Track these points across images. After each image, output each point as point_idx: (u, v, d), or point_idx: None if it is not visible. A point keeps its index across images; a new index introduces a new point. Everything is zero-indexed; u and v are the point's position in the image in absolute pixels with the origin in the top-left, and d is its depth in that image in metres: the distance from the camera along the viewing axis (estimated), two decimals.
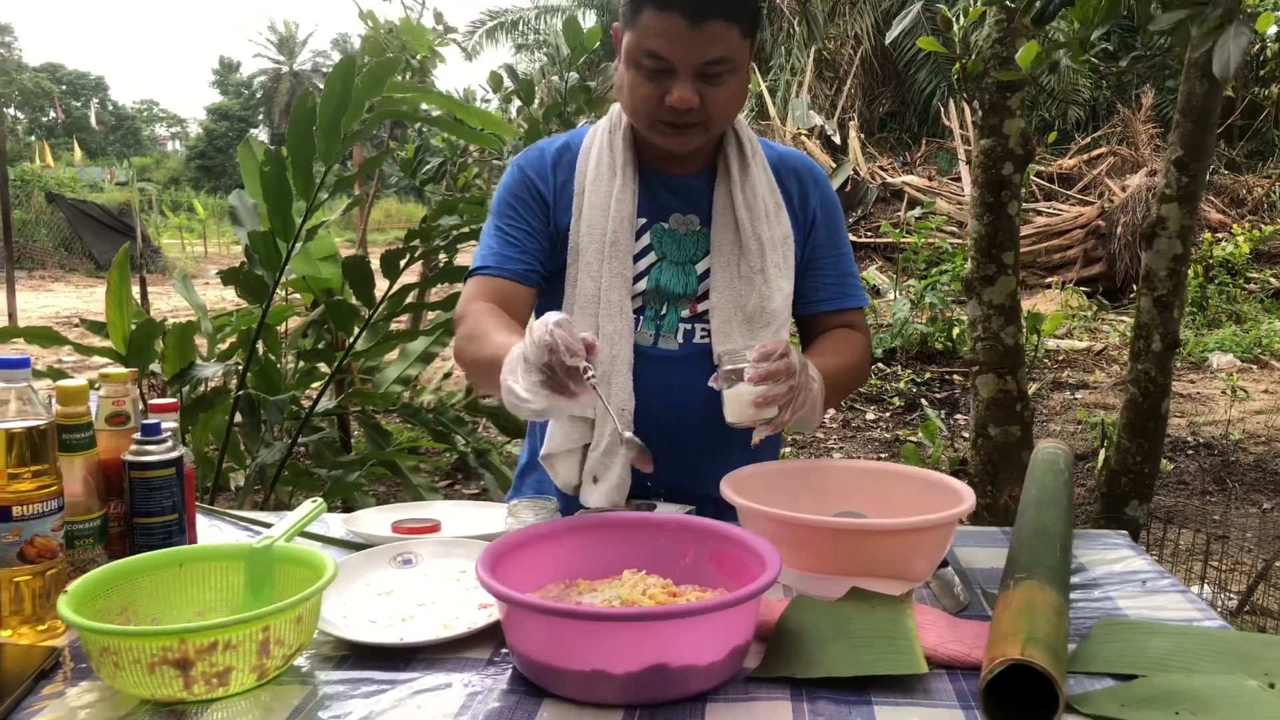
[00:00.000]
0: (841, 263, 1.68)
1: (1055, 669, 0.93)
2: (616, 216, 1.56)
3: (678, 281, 1.59)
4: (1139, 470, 3.35)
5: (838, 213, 1.69)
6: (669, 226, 1.60)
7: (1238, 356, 8.56)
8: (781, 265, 1.59)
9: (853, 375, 1.63)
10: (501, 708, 1.01)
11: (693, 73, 1.44)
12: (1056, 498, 1.40)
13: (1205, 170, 3.16)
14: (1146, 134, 13.97)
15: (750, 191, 1.58)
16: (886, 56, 18.58)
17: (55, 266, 19.30)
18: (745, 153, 1.61)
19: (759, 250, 1.56)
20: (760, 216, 1.57)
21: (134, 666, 0.99)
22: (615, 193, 1.57)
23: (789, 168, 1.66)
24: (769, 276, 1.56)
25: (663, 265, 1.59)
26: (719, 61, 1.43)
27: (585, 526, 1.27)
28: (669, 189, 1.61)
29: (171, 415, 1.42)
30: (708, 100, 1.46)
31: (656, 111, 1.47)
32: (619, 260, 1.55)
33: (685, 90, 1.44)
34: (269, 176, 2.57)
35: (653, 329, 1.58)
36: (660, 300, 1.58)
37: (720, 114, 1.49)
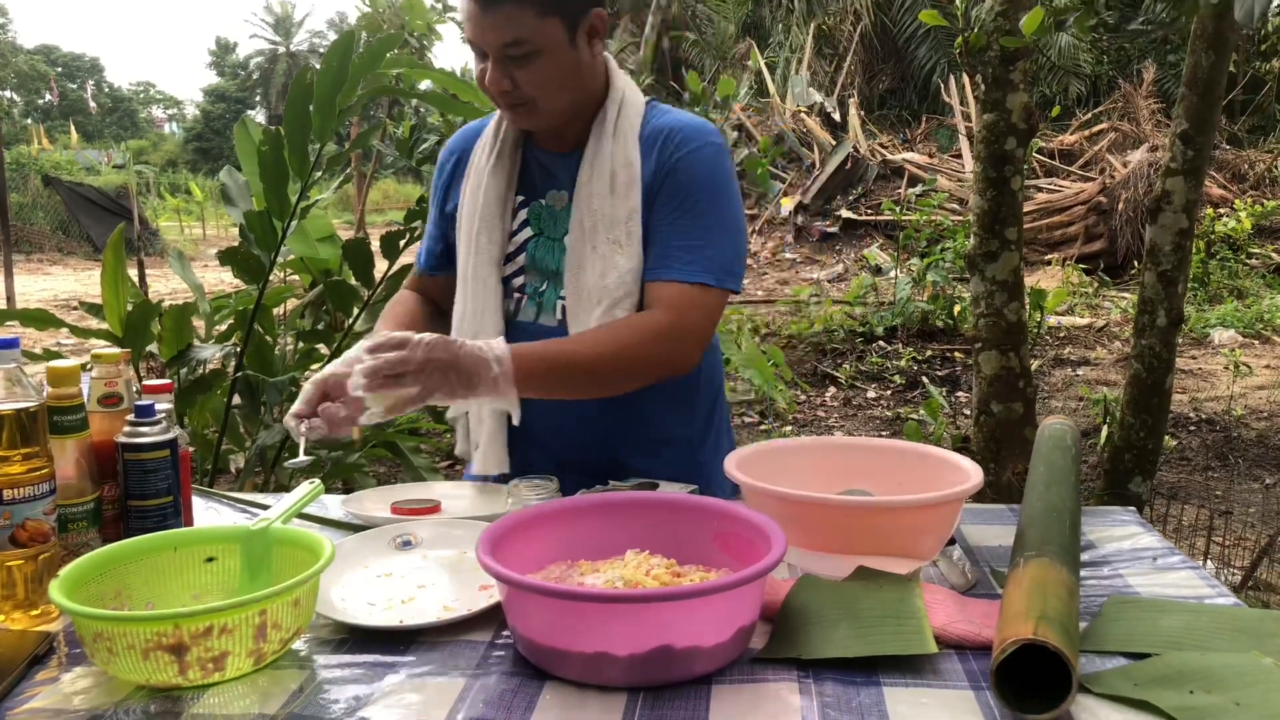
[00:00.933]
0: (672, 233, 1.54)
1: (1068, 649, 0.91)
2: (485, 192, 1.61)
3: (551, 257, 1.61)
4: (1143, 446, 3.34)
5: (694, 181, 1.55)
6: (546, 203, 1.63)
7: (1239, 332, 8.54)
8: (623, 241, 1.54)
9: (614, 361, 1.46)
10: (504, 691, 0.99)
11: (497, 55, 1.46)
12: (1064, 475, 1.38)
13: (1210, 144, 3.13)
14: (1148, 109, 13.90)
15: (598, 167, 1.56)
16: (886, 33, 18.46)
17: (53, 250, 19.26)
18: (605, 127, 1.58)
19: (593, 227, 1.55)
20: (602, 193, 1.55)
21: (128, 652, 0.97)
22: (487, 170, 1.62)
23: (661, 139, 1.58)
24: (602, 253, 1.54)
25: (539, 241, 1.62)
26: (516, 43, 1.45)
27: (587, 507, 1.25)
28: (545, 167, 1.63)
29: (166, 396, 1.39)
30: (520, 81, 1.48)
31: (490, 92, 1.52)
32: (485, 236, 1.61)
33: (493, 72, 1.48)
34: (266, 155, 2.54)
35: (534, 305, 1.62)
36: (540, 276, 1.61)
37: (540, 93, 1.50)
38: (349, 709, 0.96)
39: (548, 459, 1.60)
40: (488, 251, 1.61)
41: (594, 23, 1.52)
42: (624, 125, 1.59)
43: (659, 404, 1.63)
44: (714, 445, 1.73)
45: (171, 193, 28.79)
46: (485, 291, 1.60)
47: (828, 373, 7.35)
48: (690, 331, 1.51)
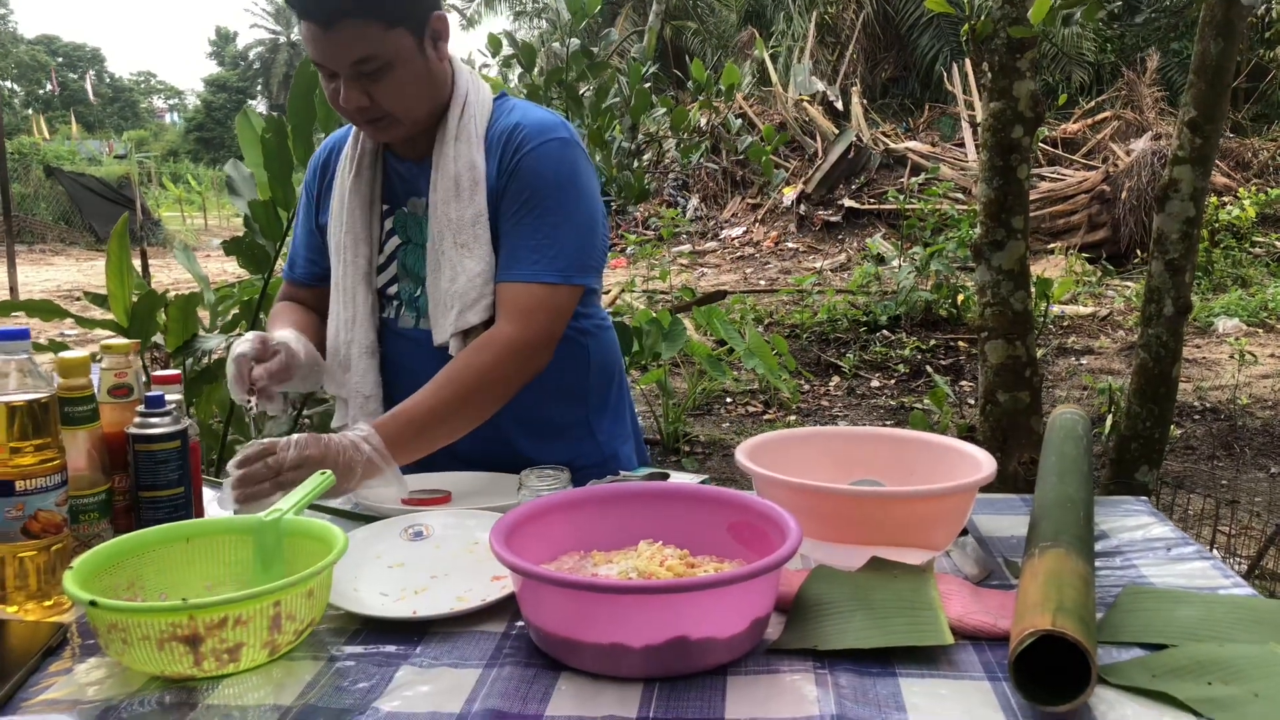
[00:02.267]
0: (516, 233, 1.55)
1: (1087, 640, 0.91)
2: (349, 206, 1.62)
3: (419, 262, 1.63)
4: (1149, 436, 3.33)
5: (537, 178, 1.55)
6: (408, 211, 1.65)
7: (1243, 321, 8.52)
8: (471, 244, 1.55)
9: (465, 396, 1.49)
10: (518, 681, 0.99)
11: (349, 74, 1.45)
12: (1077, 464, 1.37)
13: (1219, 131, 3.11)
14: (1151, 97, 13.86)
15: (443, 173, 1.57)
16: (889, 21, 18.41)
17: (55, 240, 19.25)
18: (447, 134, 1.58)
19: (440, 232, 1.57)
20: (446, 198, 1.56)
21: (143, 643, 0.97)
22: (349, 183, 1.63)
23: (506, 139, 1.58)
24: (450, 258, 1.56)
25: (408, 249, 1.64)
26: (366, 60, 1.43)
27: (599, 497, 1.25)
28: (400, 175, 1.65)
29: (175, 387, 1.39)
30: (377, 97, 1.47)
31: (344, 110, 1.50)
32: (350, 248, 1.63)
33: (350, 91, 1.46)
34: (270, 144, 2.53)
35: (413, 312, 1.64)
36: (413, 283, 1.64)
37: (399, 107, 1.50)
38: (363, 700, 0.96)
39: (448, 457, 1.61)
40: (354, 265, 1.63)
41: (436, 26, 1.51)
42: (466, 128, 1.58)
43: (548, 397, 1.66)
44: (616, 423, 1.79)
45: (173, 182, 28.75)
46: (355, 302, 1.64)
47: (831, 362, 7.34)
48: (536, 337, 1.52)
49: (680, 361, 6.55)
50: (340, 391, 1.69)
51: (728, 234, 13.49)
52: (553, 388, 1.64)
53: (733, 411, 6.30)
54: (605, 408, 1.78)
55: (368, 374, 1.64)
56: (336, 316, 1.66)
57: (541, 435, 1.70)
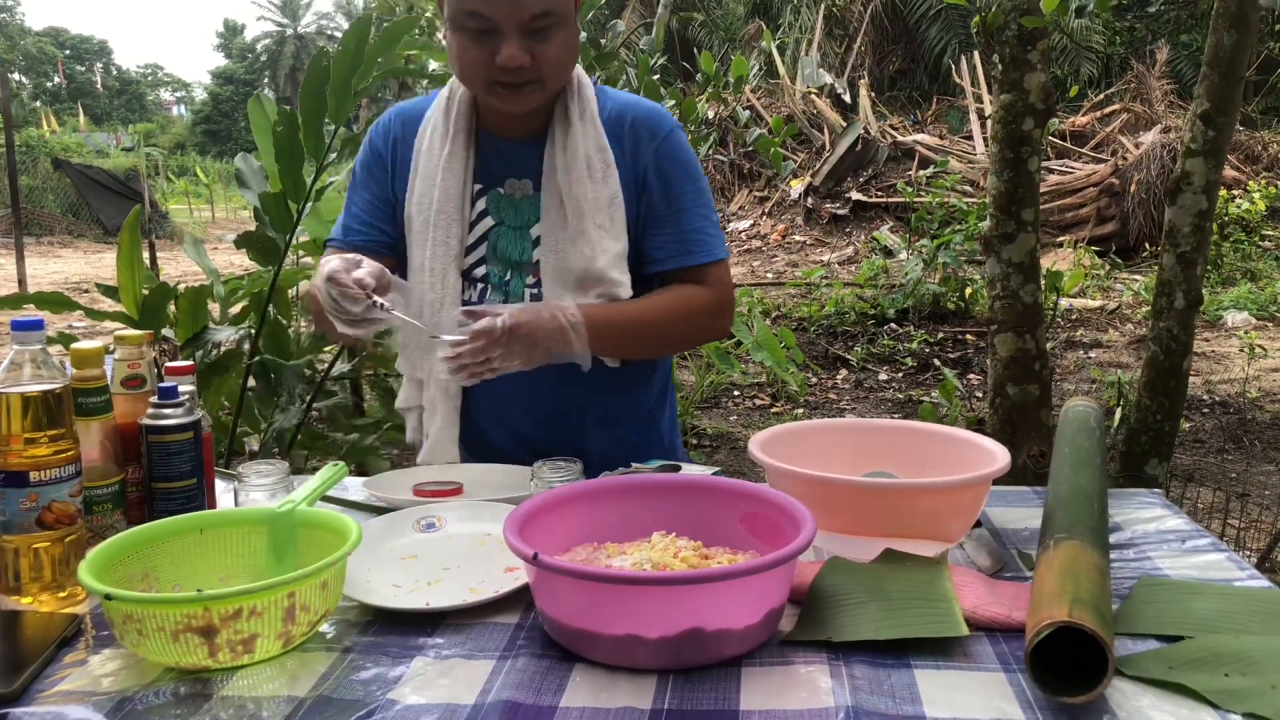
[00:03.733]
0: (683, 219, 1.58)
1: (1103, 631, 0.90)
2: (443, 185, 1.56)
3: (515, 247, 1.59)
4: (1159, 429, 3.32)
5: (680, 165, 1.59)
6: (504, 192, 1.59)
7: (1253, 314, 8.49)
8: (607, 225, 1.54)
9: (668, 326, 1.57)
10: (533, 673, 0.99)
11: (518, 29, 1.39)
12: (1090, 457, 1.36)
13: (1232, 124, 3.10)
14: (1160, 90, 13.79)
15: (572, 153, 1.53)
16: (897, 13, 18.35)
17: (63, 233, 19.28)
18: (572, 113, 1.54)
19: (578, 213, 1.53)
20: (580, 178, 1.53)
21: (158, 634, 0.97)
22: (443, 160, 1.57)
23: (626, 123, 1.58)
24: (590, 238, 1.53)
25: (501, 231, 1.59)
26: (544, 15, 1.39)
27: (612, 489, 1.25)
28: (502, 155, 1.59)
29: (188, 378, 1.39)
30: (538, 57, 1.42)
31: (488, 73, 1.43)
32: (442, 229, 1.57)
33: (513, 48, 1.39)
34: (282, 136, 2.53)
35: (500, 296, 1.59)
36: (503, 267, 1.59)
37: (554, 70, 1.45)
38: (377, 691, 0.96)
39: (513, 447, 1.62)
40: (446, 245, 1.57)
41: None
42: (588, 108, 1.56)
43: (618, 386, 1.65)
44: (671, 414, 1.79)
45: (179, 175, 28.78)
46: (443, 284, 1.57)
47: (839, 355, 7.33)
48: (728, 305, 1.63)
49: (688, 354, 6.54)
50: (416, 372, 1.65)
51: (735, 227, 13.47)
52: (623, 380, 1.63)
53: (740, 405, 6.30)
54: (665, 399, 1.77)
55: None
56: (419, 298, 1.59)
57: (613, 426, 1.67)
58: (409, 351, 1.66)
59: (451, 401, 1.62)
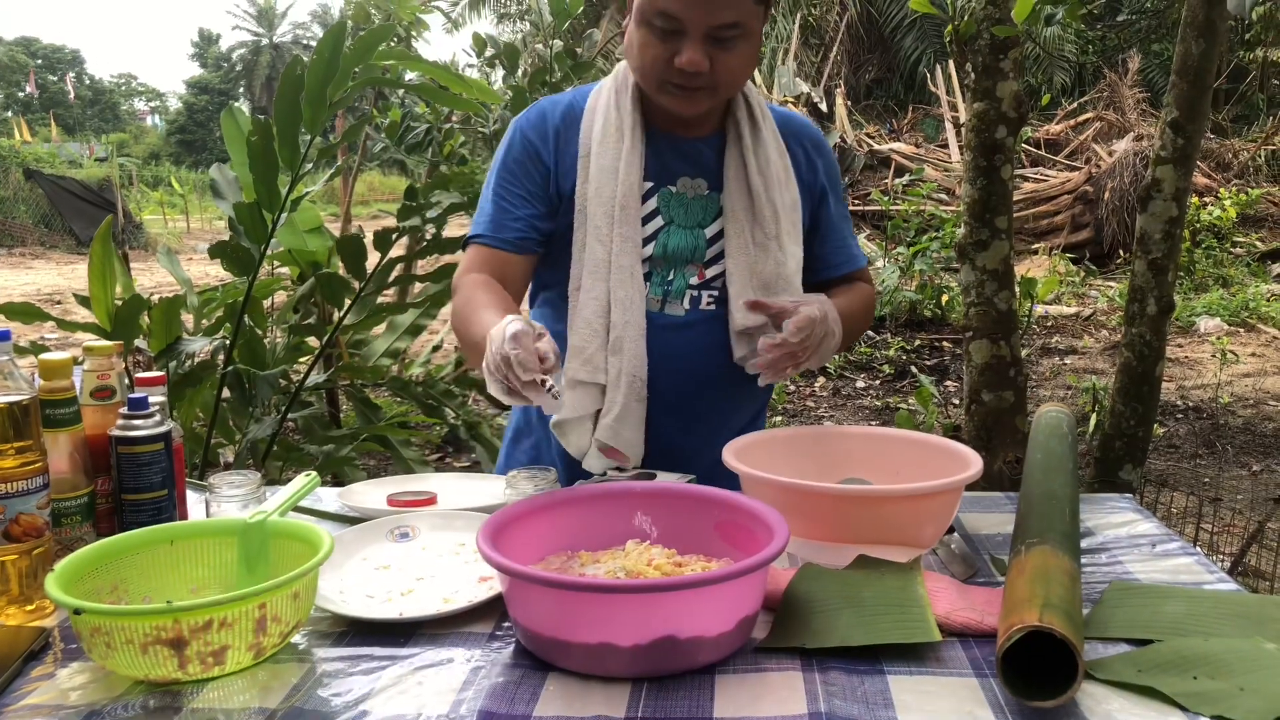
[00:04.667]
0: (845, 226, 1.70)
1: (1074, 635, 0.91)
2: (625, 180, 1.51)
3: (686, 245, 1.55)
4: (1133, 434, 3.35)
5: (839, 177, 1.70)
6: (677, 190, 1.56)
7: (1225, 320, 8.58)
8: (792, 232, 1.56)
9: (863, 320, 1.68)
10: (506, 682, 0.99)
11: (704, 35, 1.39)
12: (1062, 462, 1.37)
13: (1201, 132, 3.13)
14: (1133, 98, 13.92)
15: (763, 157, 1.54)
16: (872, 23, 18.47)
17: (35, 244, 19.08)
18: (755, 117, 1.56)
19: (773, 216, 1.53)
20: (773, 182, 1.54)
21: (126, 647, 0.96)
22: (624, 155, 1.52)
23: (793, 133, 1.63)
24: (783, 243, 1.54)
25: (670, 229, 1.56)
26: (732, 26, 1.39)
27: (586, 497, 1.25)
28: (677, 152, 1.57)
29: (159, 389, 1.38)
30: (717, 64, 1.41)
31: (665, 73, 1.43)
32: (629, 225, 1.51)
33: (695, 53, 1.39)
34: (256, 146, 2.52)
35: (660, 294, 1.55)
36: (667, 265, 1.55)
37: (729, 79, 1.45)
38: (350, 702, 0.96)
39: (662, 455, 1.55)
40: (631, 240, 1.51)
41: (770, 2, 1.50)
42: (767, 114, 1.59)
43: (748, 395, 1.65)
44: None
45: (153, 186, 28.57)
46: (632, 281, 1.51)
47: None
48: None
49: None
50: (595, 376, 1.50)
51: None
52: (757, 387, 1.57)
53: None
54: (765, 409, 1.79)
55: (643, 356, 1.50)
56: (604, 296, 1.51)
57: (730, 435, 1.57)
58: (591, 354, 1.50)
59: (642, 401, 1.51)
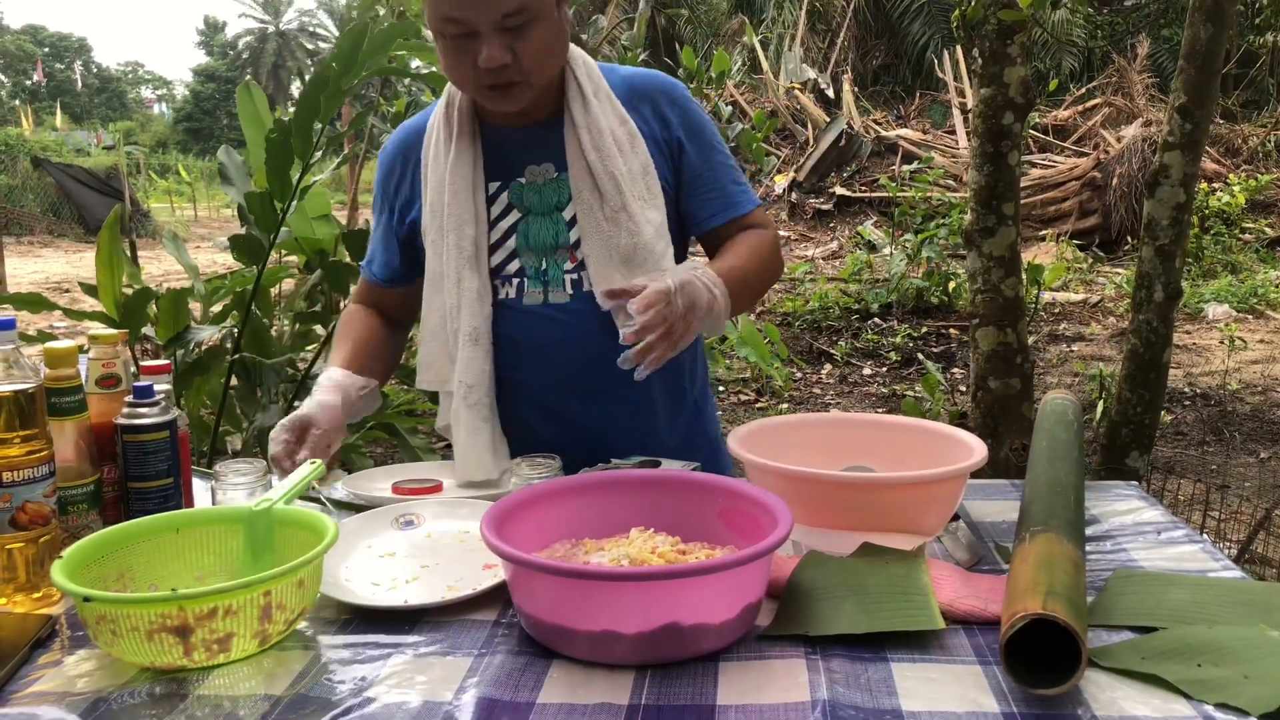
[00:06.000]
0: (719, 174, 1.60)
1: (1077, 623, 0.91)
2: (450, 187, 1.53)
3: (547, 232, 1.55)
4: (1139, 421, 3.35)
5: (704, 124, 1.61)
6: (525, 180, 1.56)
7: (1233, 307, 8.55)
8: (646, 196, 1.53)
9: (761, 271, 1.57)
10: (510, 669, 0.99)
11: (494, 29, 1.37)
12: (1068, 449, 1.37)
13: (1209, 117, 3.12)
14: (1142, 84, 13.85)
15: (595, 130, 1.51)
16: (880, 8, 18.38)
17: (44, 232, 19.14)
18: (586, 92, 1.53)
19: (616, 189, 1.50)
20: (610, 153, 1.51)
21: (132, 634, 0.96)
22: (450, 164, 1.53)
23: (640, 93, 1.58)
24: (632, 212, 1.51)
25: (529, 220, 1.55)
26: (518, 12, 1.37)
27: (590, 485, 1.25)
28: (516, 143, 1.56)
29: (164, 377, 1.38)
30: (520, 54, 1.40)
31: (475, 77, 1.42)
32: (454, 231, 1.53)
33: (494, 48, 1.38)
34: (275, 142, 2.52)
35: (539, 286, 1.55)
36: (536, 256, 1.55)
37: (538, 65, 1.43)
38: (355, 689, 0.96)
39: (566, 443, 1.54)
40: (459, 249, 1.53)
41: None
42: (601, 85, 1.55)
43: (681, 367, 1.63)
44: (712, 405, 1.77)
45: (161, 174, 28.59)
46: (460, 289, 1.53)
47: (823, 350, 7.35)
48: (779, 244, 1.64)
49: None
50: (446, 386, 1.59)
51: None
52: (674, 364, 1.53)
53: (725, 400, 6.30)
54: (706, 388, 1.76)
55: (471, 363, 1.54)
56: (440, 307, 1.56)
57: (668, 417, 1.63)
58: (436, 366, 1.60)
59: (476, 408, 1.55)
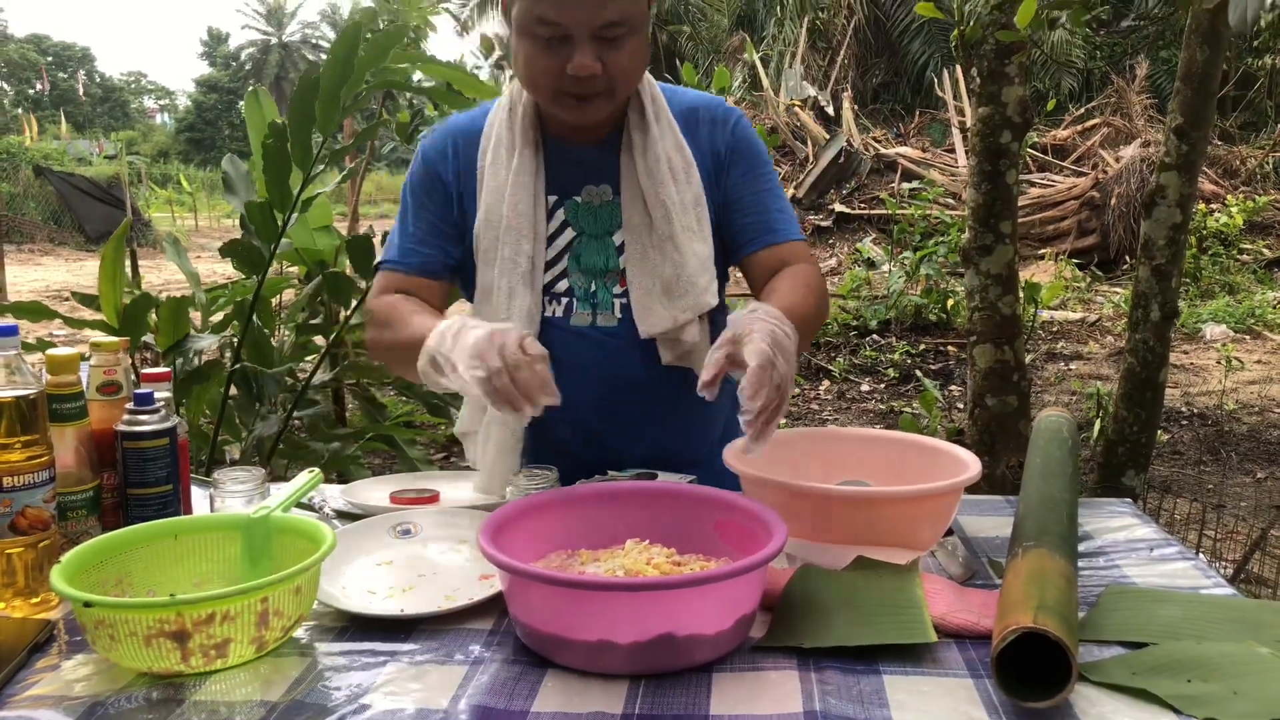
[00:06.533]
0: (763, 198, 1.56)
1: (1068, 637, 0.92)
2: (511, 199, 1.49)
3: (598, 256, 1.52)
4: (1136, 440, 3.35)
5: (753, 148, 1.57)
6: (582, 200, 1.53)
7: (1231, 327, 8.57)
8: (695, 228, 1.50)
9: (817, 309, 1.50)
10: (505, 679, 1.00)
11: (590, 36, 1.33)
12: (1062, 466, 1.38)
13: (1205, 138, 3.14)
14: (1141, 104, 13.91)
15: (652, 156, 1.48)
16: (880, 27, 18.48)
17: (45, 240, 19.16)
18: (648, 115, 1.50)
19: (665, 217, 1.48)
20: (663, 180, 1.48)
21: (130, 639, 0.97)
22: (513, 173, 1.49)
23: (697, 117, 1.56)
24: (679, 243, 1.48)
25: (583, 240, 1.53)
26: (618, 24, 1.33)
27: (587, 496, 1.25)
28: (576, 162, 1.53)
29: (165, 385, 1.39)
30: (610, 65, 1.36)
31: (558, 82, 1.37)
32: (510, 245, 1.48)
33: (585, 56, 1.34)
34: (271, 149, 2.54)
35: (587, 308, 1.52)
36: (586, 278, 1.52)
37: (624, 78, 1.40)
38: (350, 696, 0.97)
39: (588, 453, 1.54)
40: (514, 263, 1.48)
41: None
42: (663, 109, 1.52)
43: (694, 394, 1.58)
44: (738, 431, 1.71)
45: (162, 184, 28.64)
46: (511, 305, 1.48)
47: (821, 366, 7.36)
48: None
49: None
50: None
51: None
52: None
53: None
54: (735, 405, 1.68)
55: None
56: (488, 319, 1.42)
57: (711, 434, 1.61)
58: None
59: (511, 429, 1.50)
